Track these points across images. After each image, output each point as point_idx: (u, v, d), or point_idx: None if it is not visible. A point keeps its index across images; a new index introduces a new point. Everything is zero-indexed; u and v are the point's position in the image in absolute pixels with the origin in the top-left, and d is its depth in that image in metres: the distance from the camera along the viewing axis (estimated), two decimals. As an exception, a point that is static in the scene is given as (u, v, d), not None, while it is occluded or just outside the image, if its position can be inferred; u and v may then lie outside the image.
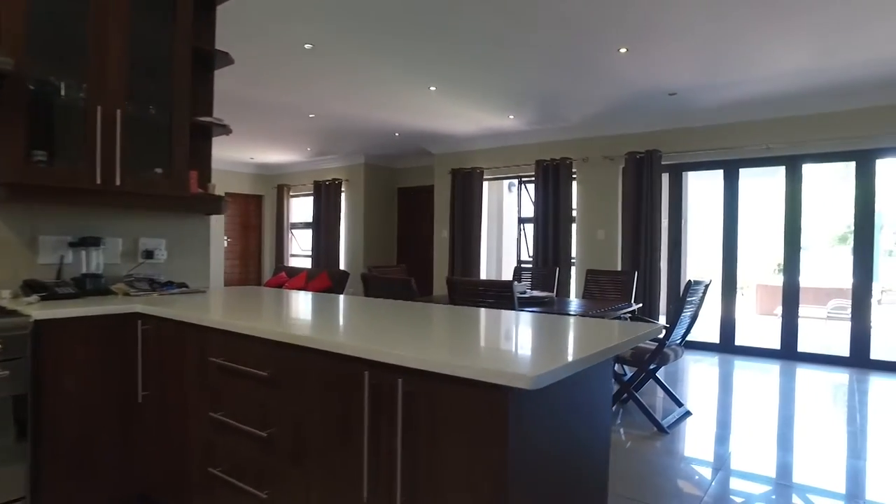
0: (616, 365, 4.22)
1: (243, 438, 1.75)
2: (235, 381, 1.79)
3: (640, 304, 4.82)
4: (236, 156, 9.90)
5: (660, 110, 6.12)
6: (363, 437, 1.38)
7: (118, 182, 2.38)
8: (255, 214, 11.62)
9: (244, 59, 4.64)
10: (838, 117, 5.54)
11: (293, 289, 8.72)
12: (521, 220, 8.19)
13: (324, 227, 10.04)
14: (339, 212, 9.90)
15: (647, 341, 3.85)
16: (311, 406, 1.55)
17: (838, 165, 6.13)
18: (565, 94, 5.64)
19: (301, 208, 11.36)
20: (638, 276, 6.34)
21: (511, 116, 6.59)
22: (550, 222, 7.07)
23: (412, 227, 9.90)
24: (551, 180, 7.06)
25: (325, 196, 9.99)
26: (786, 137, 5.79)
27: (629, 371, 4.24)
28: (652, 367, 3.76)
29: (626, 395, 3.79)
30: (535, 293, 4.31)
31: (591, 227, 6.97)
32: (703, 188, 13.33)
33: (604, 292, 5.08)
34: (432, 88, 5.46)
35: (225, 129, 3.03)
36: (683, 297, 3.56)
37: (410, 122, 6.98)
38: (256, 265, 11.62)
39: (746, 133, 5.99)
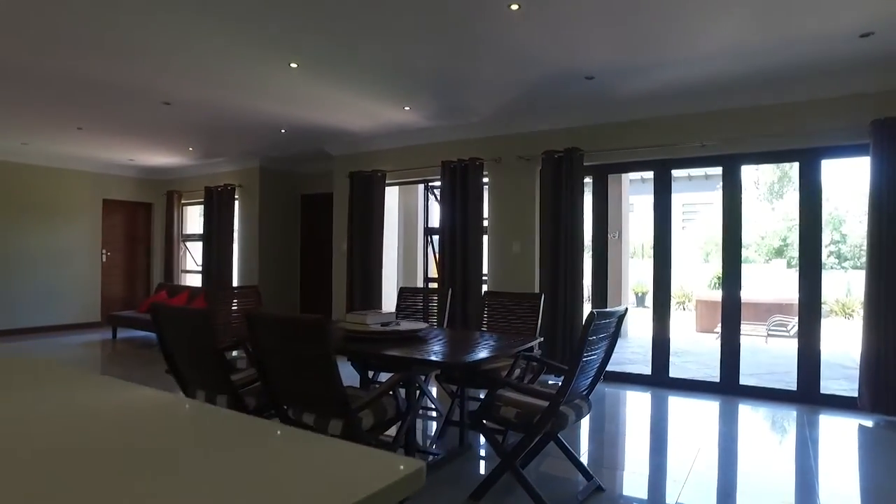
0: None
1: None
2: None
3: (542, 338, 3.78)
4: (110, 156, 8.45)
5: (578, 100, 5.18)
6: None
7: None
8: (144, 224, 10.14)
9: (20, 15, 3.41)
10: (780, 110, 4.73)
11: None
12: (429, 231, 7.08)
13: (216, 238, 8.70)
14: (233, 222, 8.60)
15: (536, 397, 2.80)
16: None
17: (774, 174, 5.36)
18: (463, 77, 4.63)
19: (196, 218, 9.98)
20: (556, 297, 5.37)
21: (407, 108, 5.52)
22: (458, 233, 6.00)
23: (317, 238, 8.68)
24: (459, 184, 6.01)
25: (217, 204, 8.66)
26: (722, 134, 4.94)
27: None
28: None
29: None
30: (402, 327, 3.21)
31: (506, 239, 5.96)
32: (644, 200, 12.63)
33: (506, 321, 4.04)
34: (293, 65, 4.34)
35: None
36: (584, 335, 2.53)
37: (293, 115, 5.82)
38: (145, 282, 10.14)
39: (678, 128, 5.12)
